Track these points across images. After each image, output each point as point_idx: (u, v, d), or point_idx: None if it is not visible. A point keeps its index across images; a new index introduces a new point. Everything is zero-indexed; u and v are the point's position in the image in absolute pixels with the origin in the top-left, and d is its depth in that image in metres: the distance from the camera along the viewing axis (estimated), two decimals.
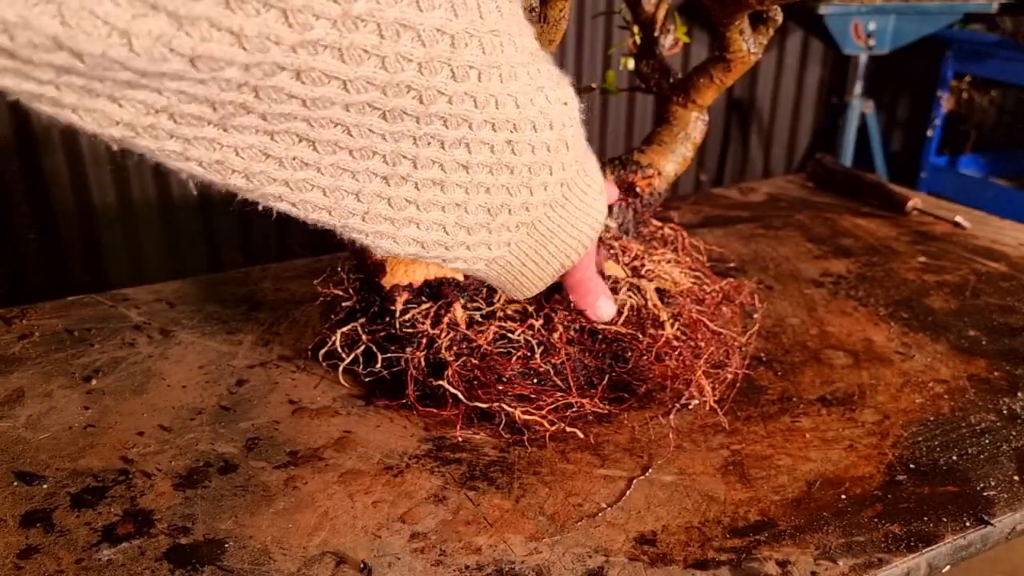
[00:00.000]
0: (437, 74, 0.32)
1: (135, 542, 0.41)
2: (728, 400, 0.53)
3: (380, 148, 0.34)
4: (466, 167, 0.37)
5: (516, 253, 0.42)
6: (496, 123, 0.36)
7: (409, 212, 0.38)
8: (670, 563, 0.40)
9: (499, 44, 0.33)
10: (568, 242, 0.43)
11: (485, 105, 0.35)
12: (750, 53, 0.56)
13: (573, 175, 0.41)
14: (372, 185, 0.36)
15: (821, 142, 2.38)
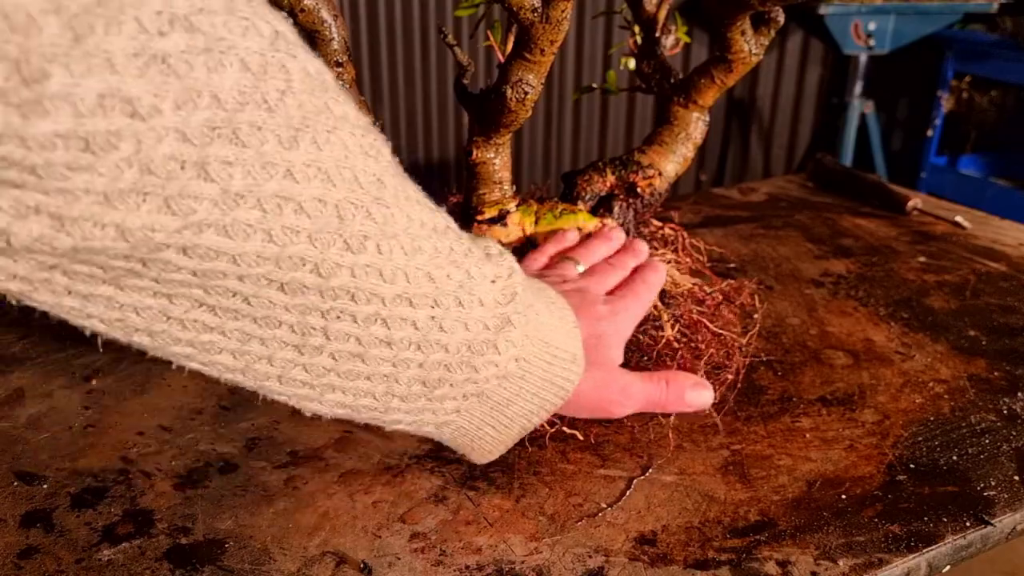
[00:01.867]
0: (330, 246, 0.31)
1: (135, 542, 0.41)
2: (728, 400, 0.53)
3: (285, 319, 0.33)
4: (387, 343, 0.35)
5: (468, 419, 0.41)
6: (412, 298, 0.35)
7: (329, 379, 0.36)
8: (670, 563, 0.40)
9: (390, 215, 0.33)
10: (528, 408, 0.41)
11: (394, 279, 0.34)
12: (751, 54, 0.56)
13: (529, 350, 0.40)
14: (284, 353, 0.35)
15: (821, 142, 2.38)
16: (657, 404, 0.46)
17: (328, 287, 0.32)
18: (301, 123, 0.30)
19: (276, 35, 0.29)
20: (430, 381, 0.38)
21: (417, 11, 1.73)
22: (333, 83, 0.32)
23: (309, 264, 0.31)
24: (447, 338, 0.37)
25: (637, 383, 0.45)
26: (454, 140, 1.88)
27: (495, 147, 0.52)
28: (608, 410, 0.45)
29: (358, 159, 0.32)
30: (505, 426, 0.42)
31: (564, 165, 2.05)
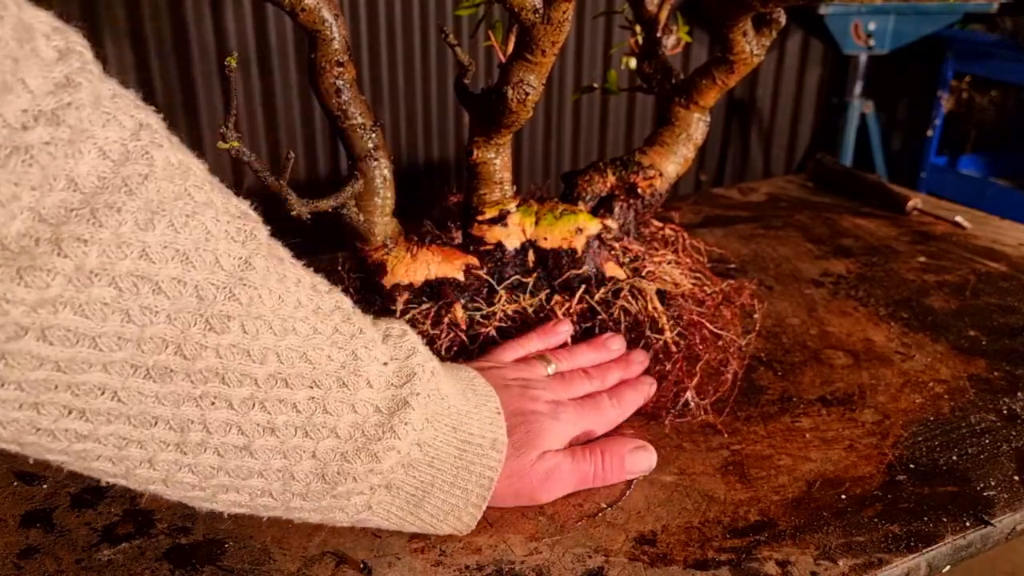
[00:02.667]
0: (191, 326, 0.31)
1: (135, 542, 0.41)
2: (728, 400, 0.53)
3: (160, 413, 0.32)
4: (271, 429, 0.35)
5: (384, 515, 0.39)
6: (288, 379, 0.34)
7: (219, 480, 0.35)
8: (670, 563, 0.40)
9: (257, 296, 0.33)
10: (451, 502, 0.40)
11: (264, 360, 0.33)
12: (752, 55, 0.56)
13: (433, 435, 0.39)
14: (165, 454, 0.34)
15: (821, 142, 2.38)
16: (595, 479, 0.45)
17: (195, 369, 0.32)
18: (159, 207, 0.30)
19: (140, 127, 0.31)
20: (329, 476, 0.37)
21: (417, 11, 1.73)
22: (199, 172, 0.33)
23: (171, 345, 0.31)
24: (334, 421, 0.36)
25: (565, 465, 0.44)
26: (454, 140, 1.88)
27: (496, 147, 0.52)
28: (532, 497, 0.43)
29: (220, 243, 0.32)
30: (431, 526, 0.40)
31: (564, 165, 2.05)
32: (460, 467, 0.40)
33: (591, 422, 0.47)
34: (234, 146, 0.43)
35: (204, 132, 1.63)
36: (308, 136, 1.73)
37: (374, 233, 0.51)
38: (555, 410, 0.45)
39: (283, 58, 1.65)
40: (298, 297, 0.35)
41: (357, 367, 0.37)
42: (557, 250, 0.55)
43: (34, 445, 0.32)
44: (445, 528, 0.41)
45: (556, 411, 0.45)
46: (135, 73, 1.55)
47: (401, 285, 0.53)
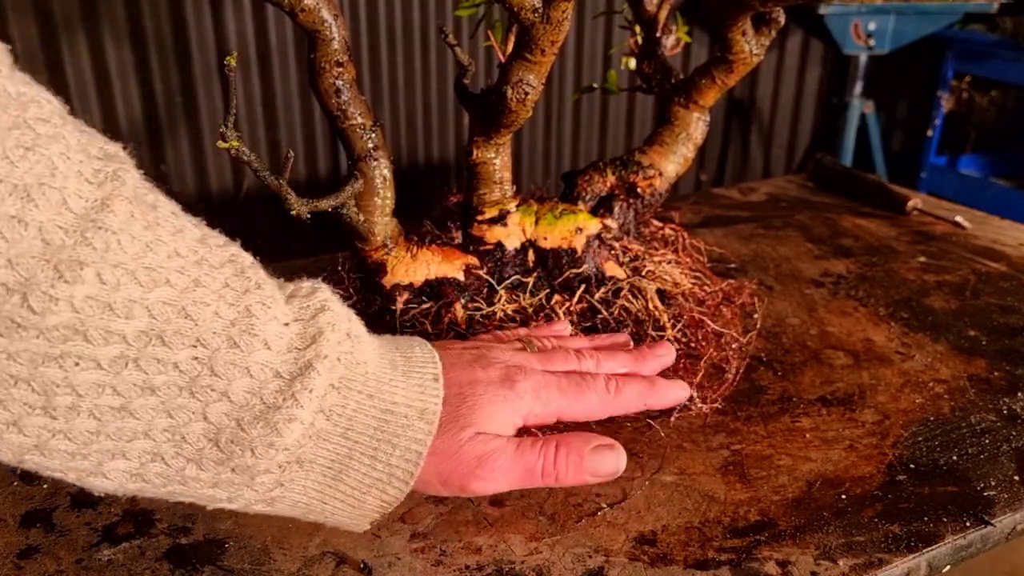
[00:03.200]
0: (36, 272, 0.28)
1: (135, 542, 0.41)
2: (728, 400, 0.53)
3: (16, 372, 0.29)
4: (151, 389, 0.31)
5: (301, 493, 0.35)
6: (163, 336, 0.31)
7: (102, 444, 0.31)
8: (670, 563, 0.40)
9: (116, 242, 0.29)
10: (372, 475, 0.36)
11: (129, 314, 0.30)
12: (752, 54, 0.56)
13: (341, 402, 0.35)
14: (33, 419, 0.30)
15: (821, 142, 2.38)
16: (545, 476, 0.39)
17: (48, 326, 0.28)
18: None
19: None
20: (223, 443, 0.33)
21: (417, 11, 1.73)
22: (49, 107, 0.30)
23: (15, 295, 0.28)
24: (224, 384, 0.32)
25: (507, 452, 0.38)
26: (454, 140, 1.88)
27: (495, 147, 0.52)
28: (462, 486, 0.38)
29: (69, 181, 0.29)
30: (355, 498, 0.36)
31: (564, 165, 2.05)
32: (381, 439, 0.36)
33: (565, 400, 0.41)
34: (234, 146, 0.43)
35: (204, 132, 1.63)
36: (308, 136, 1.74)
37: (374, 233, 0.51)
38: (509, 377, 0.40)
39: (283, 58, 1.65)
40: (174, 247, 0.32)
41: (251, 325, 0.33)
42: (557, 250, 0.55)
43: None
44: (369, 502, 0.37)
45: (511, 379, 0.40)
46: (135, 73, 1.55)
47: (401, 285, 0.53)
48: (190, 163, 1.63)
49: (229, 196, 1.67)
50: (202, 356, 0.32)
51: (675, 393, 0.45)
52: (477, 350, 0.43)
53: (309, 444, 0.34)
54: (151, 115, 1.58)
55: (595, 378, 0.42)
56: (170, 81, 1.57)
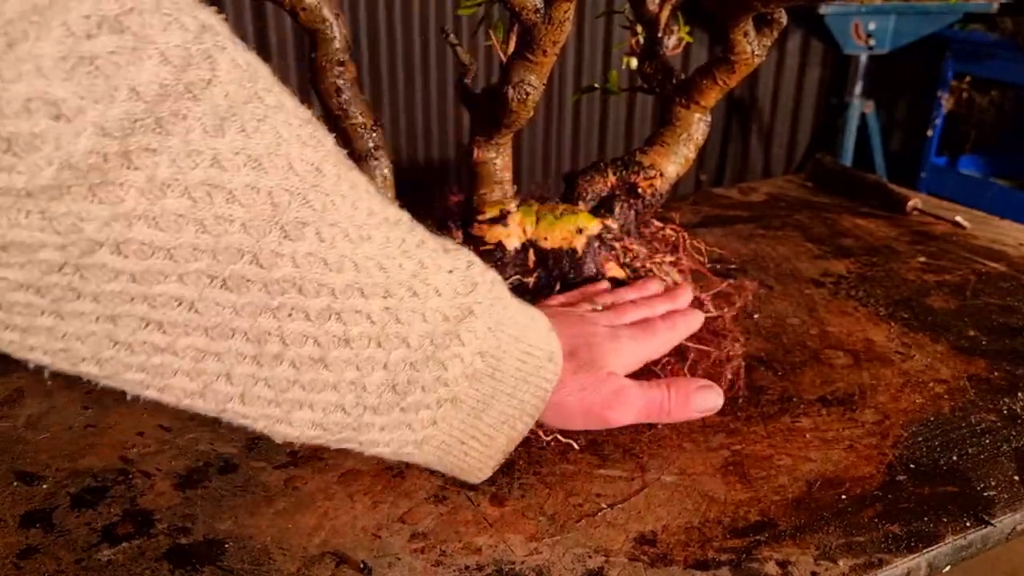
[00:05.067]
0: (266, 234, 0.31)
1: (135, 542, 0.41)
2: (728, 400, 0.53)
3: (237, 325, 0.32)
4: (346, 341, 0.34)
5: (447, 431, 0.39)
6: (364, 288, 0.34)
7: (294, 393, 0.35)
8: (670, 563, 0.40)
9: (330, 202, 0.32)
10: (508, 412, 0.40)
11: (340, 268, 0.33)
12: (754, 55, 0.56)
13: (495, 344, 0.39)
14: (242, 367, 0.33)
15: (821, 142, 2.38)
16: (660, 411, 0.45)
17: (272, 279, 0.31)
18: (227, 112, 0.29)
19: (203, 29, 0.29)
20: (399, 385, 0.36)
21: (417, 11, 1.73)
22: (267, 74, 0.32)
23: (247, 255, 0.30)
24: (406, 330, 0.35)
25: (635, 388, 0.44)
26: (454, 140, 1.88)
27: (496, 147, 0.52)
28: (602, 416, 0.44)
29: (293, 147, 0.31)
30: (489, 436, 0.40)
31: (564, 165, 2.05)
32: (519, 378, 0.40)
33: (648, 343, 0.47)
34: None
35: None
36: None
37: None
38: (615, 333, 0.45)
39: (283, 58, 1.65)
40: (370, 205, 0.35)
41: (426, 276, 0.36)
42: (557, 250, 0.55)
43: (112, 361, 0.31)
44: (499, 440, 0.40)
45: (616, 334, 0.45)
46: None
47: None
48: None
49: None
50: (391, 306, 0.35)
51: (700, 317, 0.52)
52: (572, 310, 0.48)
53: (464, 383, 0.38)
54: None
55: (657, 321, 0.49)
56: None
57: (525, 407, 0.40)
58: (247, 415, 0.35)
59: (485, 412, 0.39)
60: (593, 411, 0.43)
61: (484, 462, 0.41)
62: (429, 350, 0.36)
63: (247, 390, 0.34)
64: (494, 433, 0.40)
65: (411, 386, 0.36)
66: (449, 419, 0.39)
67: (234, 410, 0.34)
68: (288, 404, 0.35)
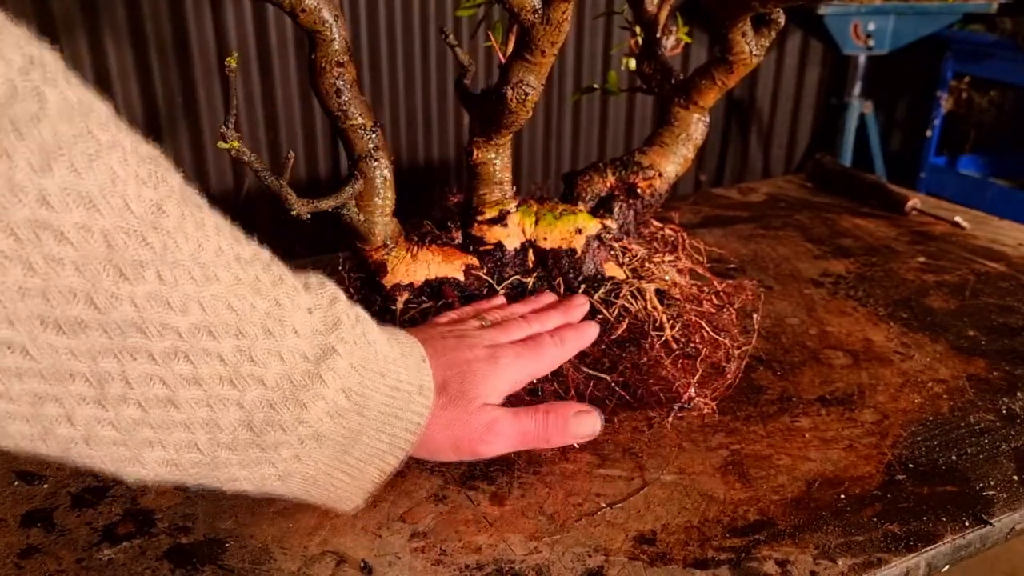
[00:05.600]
0: (101, 275, 0.29)
1: (136, 541, 0.41)
2: (728, 400, 0.53)
3: (75, 368, 0.30)
4: (196, 381, 0.33)
5: (312, 466, 0.38)
6: (213, 328, 0.33)
7: (143, 434, 0.33)
8: (669, 562, 0.40)
9: (172, 242, 0.31)
10: (377, 446, 0.39)
11: (185, 309, 0.32)
12: (752, 55, 0.56)
13: (359, 381, 0.38)
14: (84, 410, 0.32)
15: (820, 142, 2.38)
16: (536, 439, 0.44)
17: (110, 321, 0.30)
18: (56, 148, 0.28)
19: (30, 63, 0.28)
20: (256, 424, 0.35)
21: (417, 11, 1.73)
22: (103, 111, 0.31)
23: (81, 296, 0.29)
24: (261, 371, 0.34)
25: (508, 418, 0.43)
26: (454, 140, 1.88)
27: (496, 148, 0.53)
28: (473, 450, 0.43)
29: (130, 185, 0.30)
30: (358, 469, 0.39)
31: (564, 165, 2.05)
32: (389, 413, 0.39)
33: (532, 362, 0.47)
34: (234, 146, 0.43)
35: (204, 132, 1.63)
36: (308, 136, 1.74)
37: (374, 233, 0.51)
38: (493, 355, 0.45)
39: (283, 58, 1.65)
40: (219, 244, 0.34)
41: (282, 315, 0.35)
42: (557, 250, 0.56)
43: None
44: (370, 472, 0.40)
45: (495, 356, 0.45)
46: (135, 73, 1.55)
47: (401, 285, 0.53)
48: (190, 163, 1.63)
49: (229, 196, 1.67)
50: (243, 346, 0.34)
51: (594, 331, 0.52)
52: (452, 333, 0.47)
53: (328, 421, 0.37)
54: (151, 115, 1.58)
55: (545, 337, 0.48)
56: (170, 81, 1.57)
57: (396, 441, 0.40)
58: (93, 457, 0.33)
59: (353, 447, 0.39)
60: (462, 446, 0.43)
61: (354, 492, 0.40)
62: (288, 390, 0.36)
63: (91, 432, 0.32)
64: (363, 467, 0.39)
65: (269, 426, 0.35)
66: (314, 455, 0.38)
67: (79, 452, 0.33)
68: (137, 444, 0.33)
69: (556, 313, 0.51)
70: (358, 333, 0.39)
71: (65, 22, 1.46)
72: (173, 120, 1.60)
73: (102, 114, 0.31)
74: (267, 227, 1.79)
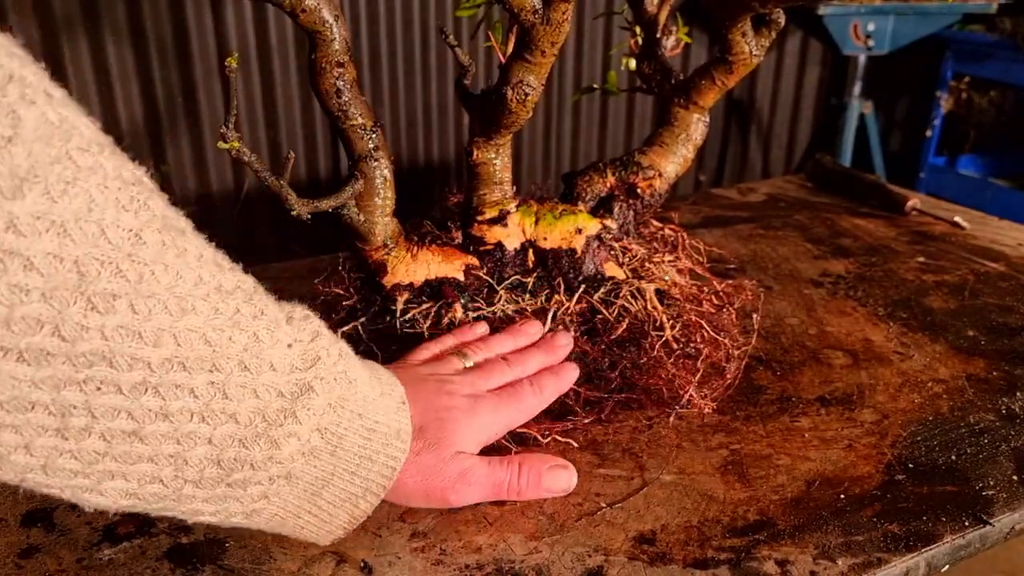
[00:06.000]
0: (70, 305, 0.28)
1: (136, 541, 0.41)
2: (727, 400, 0.53)
3: (36, 398, 0.29)
4: (164, 415, 0.32)
5: (281, 505, 0.37)
6: (186, 362, 0.31)
7: (105, 465, 0.32)
8: (669, 562, 0.40)
9: (149, 272, 0.30)
10: (349, 490, 0.38)
11: (158, 342, 0.30)
12: (752, 55, 0.56)
13: (335, 421, 0.37)
14: (44, 439, 0.30)
15: (820, 142, 2.38)
16: (509, 490, 0.43)
17: (76, 352, 0.29)
18: (29, 172, 0.27)
19: (8, 80, 0.27)
20: (225, 461, 0.34)
21: (417, 12, 1.73)
22: (86, 132, 0.29)
23: (47, 326, 0.28)
24: (234, 407, 0.33)
25: (481, 468, 0.43)
26: (454, 141, 1.88)
27: (496, 148, 0.53)
28: (444, 498, 0.42)
29: (108, 212, 0.29)
30: (328, 513, 0.38)
31: (564, 165, 2.05)
32: (363, 456, 0.38)
33: (511, 413, 0.46)
34: (234, 146, 0.43)
35: (205, 132, 1.63)
36: (308, 136, 1.74)
37: (374, 233, 0.51)
38: (473, 405, 0.44)
39: (283, 58, 1.65)
40: (199, 274, 0.32)
41: (260, 350, 0.34)
42: (557, 250, 0.56)
43: None
44: (340, 517, 0.39)
45: (474, 406, 0.44)
46: (136, 73, 1.55)
47: (401, 285, 0.53)
48: (191, 163, 1.63)
49: (229, 196, 1.67)
50: (217, 381, 0.33)
51: (573, 374, 0.51)
52: (433, 376, 0.46)
53: (300, 460, 0.36)
54: (152, 115, 1.58)
55: (524, 385, 0.48)
56: (171, 81, 1.57)
57: (370, 486, 0.39)
58: (51, 485, 0.32)
59: (324, 489, 0.38)
60: (434, 494, 0.42)
61: (321, 535, 0.40)
62: (260, 427, 0.34)
63: (50, 462, 0.31)
64: (334, 511, 0.38)
65: (238, 463, 0.34)
66: (283, 495, 0.37)
67: (35, 480, 0.32)
68: (98, 475, 0.32)
69: (539, 354, 0.50)
70: (339, 370, 0.38)
71: (65, 22, 1.46)
72: (174, 120, 1.60)
73: (85, 134, 0.29)
74: (267, 227, 1.79)
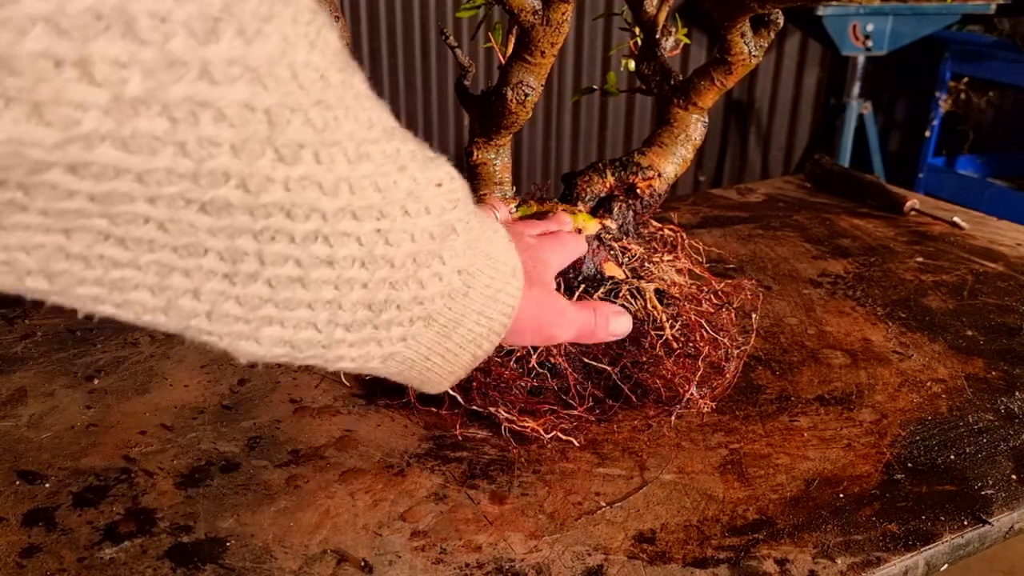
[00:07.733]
0: (258, 158, 0.27)
1: (137, 541, 0.41)
2: (727, 399, 0.53)
3: (211, 245, 0.29)
4: (330, 263, 0.32)
5: (415, 348, 0.37)
6: (357, 211, 0.31)
7: (266, 311, 0.32)
8: (669, 561, 0.40)
9: (333, 119, 0.29)
10: (476, 331, 0.39)
11: (336, 192, 0.30)
12: (751, 56, 0.56)
13: (471, 261, 0.37)
14: (212, 284, 0.30)
15: (819, 143, 2.39)
16: (589, 332, 0.46)
17: (258, 204, 0.28)
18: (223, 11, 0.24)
19: None
20: (376, 304, 0.34)
21: (417, 12, 1.74)
22: None
23: (234, 179, 0.27)
24: (393, 252, 0.33)
25: (573, 308, 0.45)
26: (454, 141, 1.89)
27: (496, 148, 0.53)
28: (549, 333, 0.43)
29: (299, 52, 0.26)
30: (454, 353, 0.39)
31: (564, 166, 2.05)
32: (488, 295, 0.38)
33: (563, 254, 0.49)
34: None
35: None
36: None
37: None
38: (540, 243, 0.46)
39: None
40: (370, 116, 0.31)
41: (419, 193, 0.33)
42: None
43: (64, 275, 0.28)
44: (464, 357, 0.39)
45: (541, 244, 0.46)
46: None
47: None
48: None
49: None
50: (383, 228, 0.32)
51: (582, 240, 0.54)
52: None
53: (440, 302, 0.36)
54: None
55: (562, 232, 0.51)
56: None
57: (493, 325, 0.39)
58: (212, 331, 0.32)
59: (455, 331, 0.38)
60: (543, 329, 0.43)
61: (445, 378, 0.40)
62: (411, 269, 0.34)
63: (215, 307, 0.31)
64: (460, 351, 0.39)
65: (387, 304, 0.34)
66: (419, 337, 0.37)
67: (198, 327, 0.32)
68: (258, 322, 0.32)
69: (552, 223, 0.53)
70: (471, 211, 0.37)
71: None
72: None
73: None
74: None
